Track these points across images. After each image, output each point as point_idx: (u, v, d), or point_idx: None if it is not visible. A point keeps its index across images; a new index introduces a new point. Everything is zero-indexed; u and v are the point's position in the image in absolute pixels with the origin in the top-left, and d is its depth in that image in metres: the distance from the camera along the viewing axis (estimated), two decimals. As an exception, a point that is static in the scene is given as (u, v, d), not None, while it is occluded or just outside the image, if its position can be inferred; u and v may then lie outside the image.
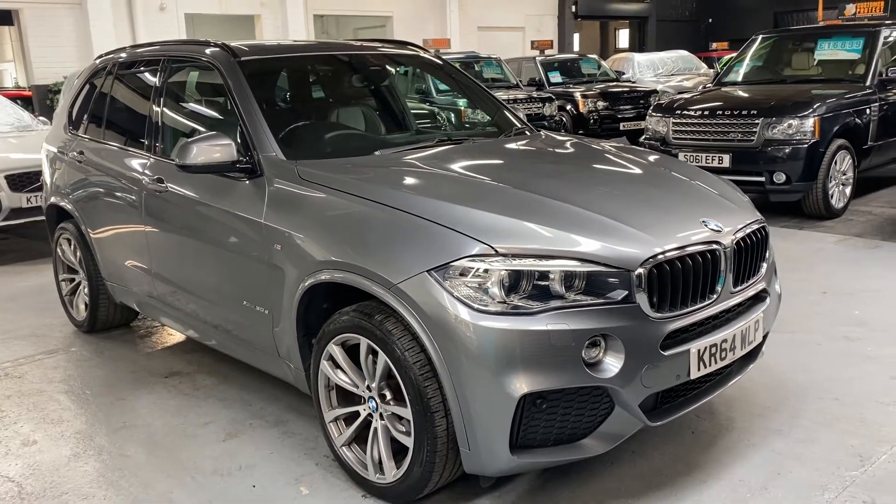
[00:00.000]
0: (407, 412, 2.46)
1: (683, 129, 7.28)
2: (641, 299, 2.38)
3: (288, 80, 4.04)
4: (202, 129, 3.70)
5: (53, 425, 3.41)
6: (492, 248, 2.34)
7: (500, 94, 11.27)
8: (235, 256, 3.16)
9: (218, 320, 3.43)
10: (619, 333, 2.33)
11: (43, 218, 4.95)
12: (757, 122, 6.73)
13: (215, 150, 3.02)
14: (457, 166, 3.10)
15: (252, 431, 3.25)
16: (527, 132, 3.90)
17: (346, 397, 2.77)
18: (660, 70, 16.88)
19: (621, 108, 12.87)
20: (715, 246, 2.58)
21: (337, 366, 2.72)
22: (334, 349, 2.70)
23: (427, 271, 2.36)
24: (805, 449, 2.90)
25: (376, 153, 3.34)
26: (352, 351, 2.68)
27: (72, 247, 4.57)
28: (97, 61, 4.66)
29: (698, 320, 2.54)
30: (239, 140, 3.18)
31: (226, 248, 3.21)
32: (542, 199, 2.66)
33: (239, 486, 2.83)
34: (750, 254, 2.77)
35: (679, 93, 10.14)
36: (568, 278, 2.35)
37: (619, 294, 2.37)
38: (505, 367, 2.26)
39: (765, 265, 2.92)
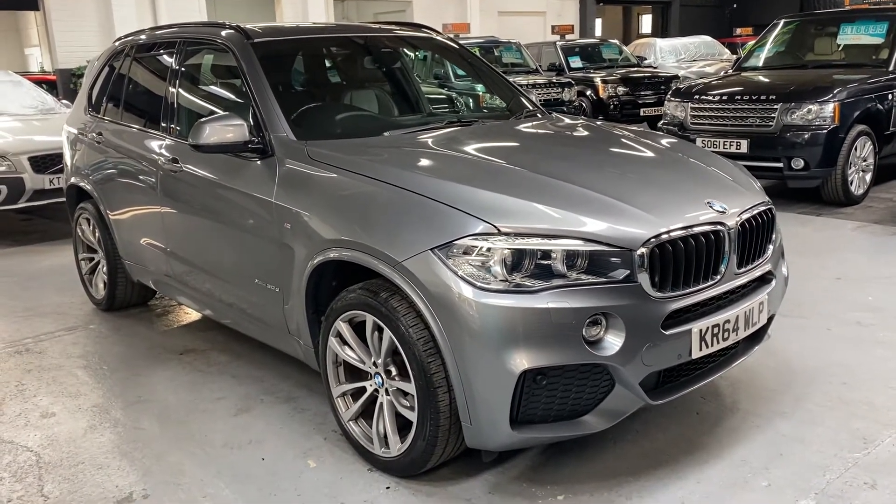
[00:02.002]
0: (411, 387, 2.50)
1: (702, 114, 7.22)
2: (643, 279, 2.39)
3: (300, 61, 4.07)
4: (217, 110, 3.75)
5: (71, 399, 3.50)
6: (495, 227, 2.37)
7: (520, 80, 11.27)
8: (247, 235, 3.21)
9: (232, 298, 3.49)
10: (620, 312, 2.35)
11: (65, 199, 5.04)
12: (776, 107, 6.66)
13: (228, 130, 3.07)
14: (464, 147, 3.12)
15: (263, 407, 3.32)
16: (538, 114, 3.91)
17: (353, 373, 2.82)
18: (682, 55, 16.74)
19: (642, 93, 12.79)
20: (719, 227, 2.58)
21: (344, 342, 2.77)
22: (342, 326, 2.75)
23: (431, 249, 2.39)
24: (809, 431, 2.91)
25: (385, 134, 3.38)
26: (359, 328, 2.72)
27: (91, 226, 4.65)
28: (116, 44, 4.73)
29: (701, 300, 2.55)
30: (251, 121, 3.23)
31: (238, 227, 3.27)
32: (547, 180, 2.68)
33: (248, 459, 2.90)
34: (755, 236, 2.77)
35: (700, 78, 10.04)
36: (570, 257, 2.37)
37: (621, 273, 2.39)
38: (506, 344, 2.30)
39: (771, 247, 2.92)
